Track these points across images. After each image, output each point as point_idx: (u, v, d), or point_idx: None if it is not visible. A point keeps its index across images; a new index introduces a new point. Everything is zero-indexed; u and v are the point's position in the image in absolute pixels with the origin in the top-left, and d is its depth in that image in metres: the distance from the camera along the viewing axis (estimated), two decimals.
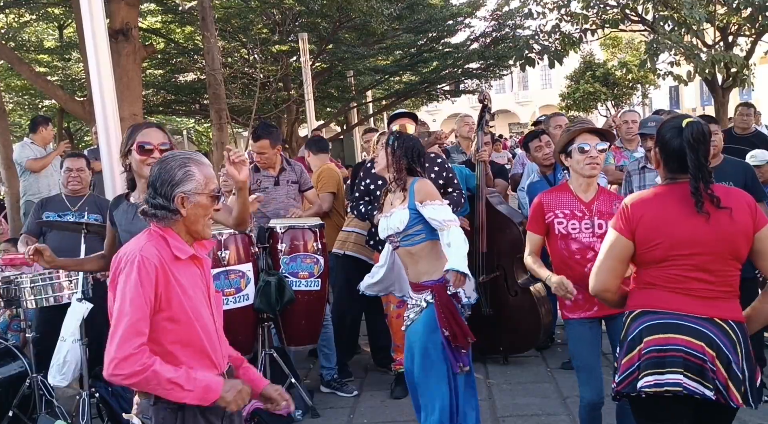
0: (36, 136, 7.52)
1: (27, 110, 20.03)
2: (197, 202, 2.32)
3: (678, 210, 2.47)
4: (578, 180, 3.41)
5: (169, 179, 2.30)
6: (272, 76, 14.52)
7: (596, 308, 3.25)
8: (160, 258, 2.24)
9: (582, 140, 3.34)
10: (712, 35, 12.63)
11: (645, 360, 2.43)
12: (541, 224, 3.41)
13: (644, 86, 28.18)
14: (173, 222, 2.32)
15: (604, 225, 3.26)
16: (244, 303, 4.42)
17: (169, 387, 2.17)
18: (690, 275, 2.45)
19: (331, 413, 4.65)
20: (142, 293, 2.18)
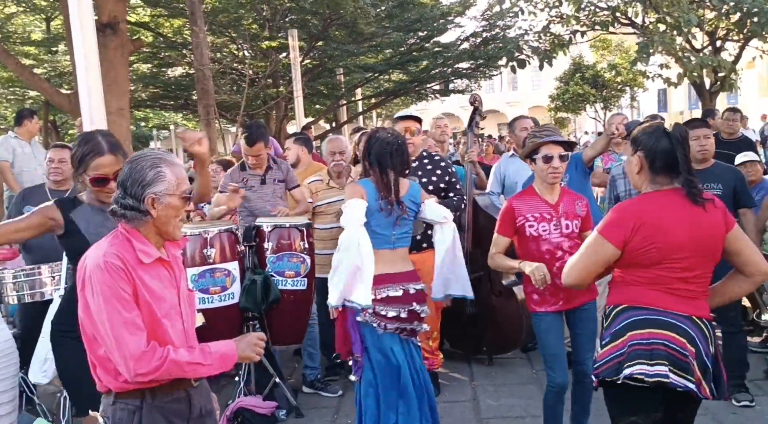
0: (21, 129, 7.43)
1: (12, 102, 19.85)
2: (168, 204, 2.27)
3: (672, 218, 2.56)
4: (543, 184, 3.63)
5: (140, 180, 2.24)
6: (261, 72, 14.48)
7: (561, 302, 3.57)
8: (124, 261, 2.19)
9: (546, 150, 3.54)
10: (701, 39, 12.71)
11: (631, 352, 2.53)
12: (511, 227, 3.61)
13: (633, 89, 28.34)
14: (142, 223, 2.27)
15: (570, 225, 3.58)
16: (230, 302, 4.38)
17: (190, 369, 2.22)
18: (677, 276, 2.57)
19: (315, 412, 4.63)
20: (121, 291, 2.15)
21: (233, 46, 16.41)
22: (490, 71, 18.75)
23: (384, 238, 3.60)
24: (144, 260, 2.23)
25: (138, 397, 2.25)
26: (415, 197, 3.69)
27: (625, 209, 2.66)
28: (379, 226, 3.58)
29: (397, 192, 3.59)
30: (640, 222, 2.56)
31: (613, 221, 2.63)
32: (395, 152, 3.62)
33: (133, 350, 2.11)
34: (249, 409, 4.35)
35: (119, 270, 2.16)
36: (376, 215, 3.57)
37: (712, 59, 10.53)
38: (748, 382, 4.48)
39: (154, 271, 2.28)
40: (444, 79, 18.79)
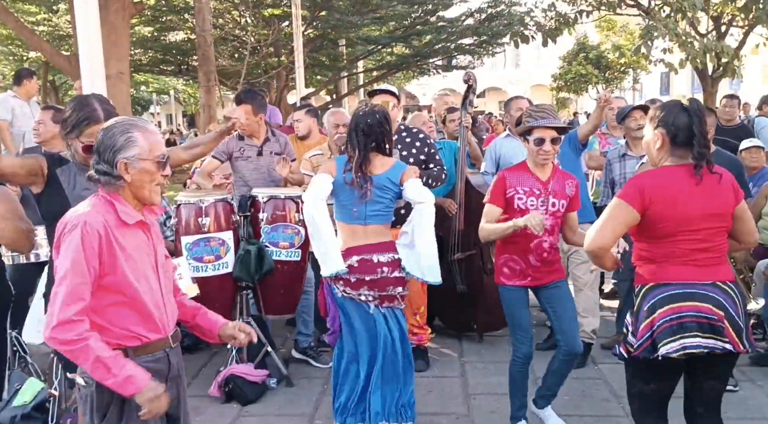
0: (20, 89, 7.40)
1: (12, 61, 19.70)
2: (141, 168, 2.32)
3: (687, 190, 2.73)
4: (534, 162, 3.70)
5: (111, 145, 2.30)
6: (263, 40, 14.36)
7: (529, 278, 3.70)
8: (104, 224, 2.25)
9: (539, 133, 3.59)
10: (706, 24, 12.64)
11: (664, 329, 2.70)
12: (503, 198, 3.65)
13: (636, 71, 28.21)
14: (119, 188, 2.33)
15: (557, 203, 3.67)
16: (223, 271, 4.42)
17: (95, 365, 2.19)
18: (696, 247, 2.74)
19: (305, 382, 4.68)
20: (83, 258, 2.20)
21: (235, 12, 16.25)
22: (493, 48, 18.62)
23: (352, 213, 3.62)
24: (127, 221, 2.31)
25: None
26: (394, 177, 3.61)
27: (644, 179, 2.82)
28: (347, 200, 3.62)
29: (363, 168, 3.56)
30: (657, 193, 2.72)
31: (633, 187, 2.80)
32: (365, 129, 3.59)
33: (61, 314, 2.16)
34: (240, 376, 4.40)
35: (95, 236, 2.22)
36: (344, 189, 3.61)
37: (715, 45, 10.47)
38: (735, 367, 4.54)
39: (134, 234, 2.35)
40: (447, 55, 18.65)
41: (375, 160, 3.61)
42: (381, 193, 3.59)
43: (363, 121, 3.62)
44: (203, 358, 5.18)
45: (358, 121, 3.64)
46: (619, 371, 4.74)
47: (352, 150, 3.61)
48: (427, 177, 4.59)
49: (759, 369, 4.77)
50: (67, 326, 2.16)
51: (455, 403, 4.35)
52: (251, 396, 4.37)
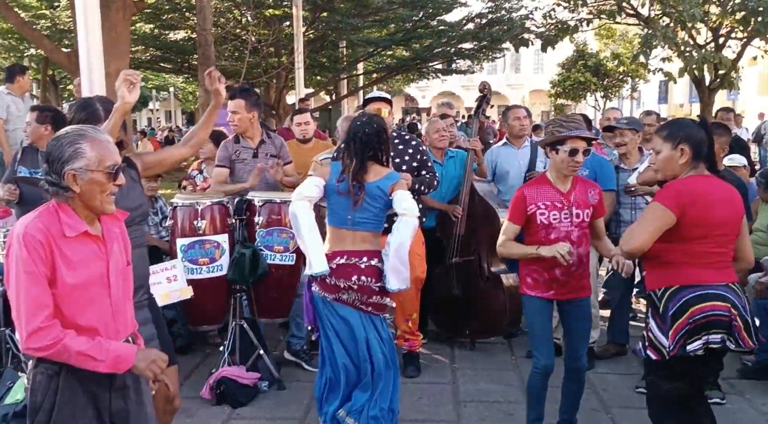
0: (13, 86, 7.38)
1: (12, 55, 19.68)
2: (90, 179, 2.29)
3: (713, 197, 3.00)
4: (557, 174, 3.61)
5: (59, 156, 2.28)
6: (264, 40, 14.38)
7: (553, 291, 3.61)
8: (46, 234, 2.24)
9: (573, 144, 3.52)
10: (704, 35, 12.70)
11: (694, 327, 2.94)
12: (522, 215, 3.60)
13: (634, 80, 28.28)
14: (69, 198, 2.31)
15: (581, 214, 3.59)
16: (218, 273, 4.43)
17: (81, 359, 2.24)
18: (716, 250, 3.01)
19: (297, 386, 4.70)
20: (34, 265, 2.20)
21: (237, 11, 16.27)
22: (493, 53, 18.67)
23: (341, 218, 3.64)
24: (68, 233, 2.28)
25: (57, 363, 2.29)
26: (385, 186, 3.60)
27: (679, 186, 3.03)
28: (338, 206, 3.65)
29: (357, 176, 3.59)
30: (693, 198, 2.96)
31: (670, 192, 3.02)
32: (363, 138, 3.62)
33: (28, 326, 2.18)
34: (232, 379, 4.42)
35: (38, 245, 2.21)
36: (334, 194, 3.65)
37: (713, 56, 10.53)
38: (722, 380, 4.58)
39: (80, 244, 2.31)
40: (446, 59, 18.71)
41: (371, 168, 3.63)
42: (371, 200, 3.60)
43: (361, 131, 3.64)
44: (195, 359, 5.20)
45: (356, 130, 3.66)
46: (608, 381, 4.81)
47: (349, 159, 3.64)
48: (419, 184, 4.62)
49: (747, 382, 4.80)
50: (39, 335, 2.18)
51: (445, 410, 4.37)
52: (243, 399, 4.38)
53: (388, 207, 3.66)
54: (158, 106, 42.48)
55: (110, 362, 2.26)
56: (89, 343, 2.25)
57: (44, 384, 2.30)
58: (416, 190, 4.63)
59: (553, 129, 3.61)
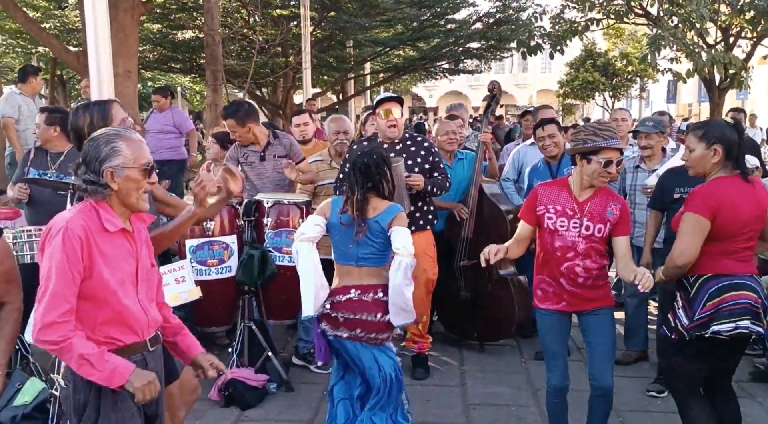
0: (25, 86, 7.40)
1: (20, 54, 19.73)
2: (127, 176, 2.40)
3: (740, 197, 3.18)
4: (581, 182, 3.42)
5: (96, 155, 2.39)
6: (271, 40, 14.37)
7: (564, 303, 3.46)
8: (85, 229, 2.33)
9: (608, 154, 3.31)
10: (714, 35, 12.62)
11: (723, 312, 3.13)
12: (532, 214, 3.49)
13: (643, 79, 28.16)
14: (107, 196, 2.41)
15: (591, 227, 3.38)
16: (226, 275, 4.43)
17: (80, 362, 2.28)
18: (744, 245, 3.23)
19: (305, 388, 4.69)
20: (67, 261, 2.28)
21: (244, 11, 16.26)
22: (500, 53, 18.61)
23: (345, 254, 3.52)
24: (109, 228, 2.38)
25: None
26: (384, 221, 3.44)
27: (706, 191, 3.20)
28: (341, 241, 3.52)
29: (359, 210, 3.44)
30: (720, 202, 3.14)
31: (700, 200, 3.18)
32: (362, 168, 3.49)
33: (45, 317, 2.25)
34: (240, 381, 4.41)
35: (76, 241, 2.30)
36: (339, 230, 3.51)
37: (723, 56, 10.45)
38: (733, 383, 4.53)
39: (116, 240, 2.42)
40: (454, 58, 18.65)
41: (371, 202, 3.48)
42: (372, 236, 3.45)
43: (360, 162, 3.50)
44: None
45: (355, 161, 3.53)
46: (619, 385, 4.75)
47: (350, 191, 3.50)
48: (431, 186, 4.59)
49: (758, 385, 4.77)
50: (52, 328, 2.25)
51: (454, 413, 4.35)
52: (251, 401, 4.38)
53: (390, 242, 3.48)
54: None
55: (106, 374, 2.30)
56: (93, 350, 2.30)
57: (83, 386, 2.37)
58: (428, 192, 4.60)
59: (586, 137, 3.36)
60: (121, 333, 2.43)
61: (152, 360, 2.55)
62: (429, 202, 4.76)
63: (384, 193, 3.52)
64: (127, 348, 2.44)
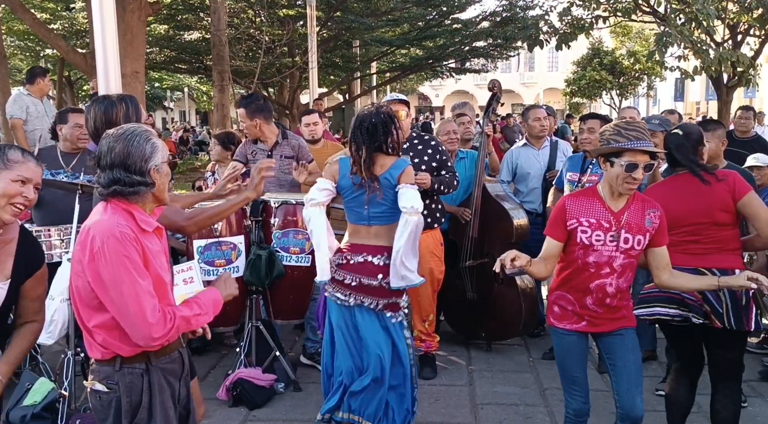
0: (33, 87, 7.43)
1: (28, 55, 19.83)
2: (165, 172, 2.42)
3: (677, 192, 3.40)
4: (610, 189, 3.12)
5: (142, 155, 2.32)
6: (277, 40, 14.40)
7: (584, 323, 3.17)
8: (132, 230, 2.29)
9: (631, 157, 2.99)
10: (722, 33, 12.56)
11: (642, 297, 3.40)
12: (562, 229, 3.11)
13: (650, 77, 28.07)
14: (143, 195, 2.36)
15: (630, 239, 3.08)
16: (234, 275, 4.36)
17: (195, 320, 2.39)
18: (687, 238, 3.36)
19: (313, 387, 4.69)
20: (136, 261, 2.24)
21: (251, 12, 16.29)
22: (507, 52, 18.58)
23: (358, 214, 3.63)
24: (146, 229, 2.35)
25: (143, 360, 2.37)
26: (392, 177, 3.52)
27: (647, 194, 3.41)
28: (353, 202, 3.63)
29: (369, 169, 3.52)
30: (658, 199, 3.27)
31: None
32: (369, 127, 3.54)
33: (151, 317, 2.21)
34: (248, 380, 4.42)
35: (132, 239, 2.25)
36: (350, 191, 3.61)
37: (731, 54, 10.41)
38: (742, 383, 4.51)
39: (154, 239, 2.41)
40: (460, 57, 18.64)
41: (377, 160, 3.55)
42: (385, 192, 3.54)
43: (368, 121, 3.56)
44: (211, 361, 5.20)
45: (363, 120, 3.59)
46: None
47: (357, 150, 3.56)
48: (438, 184, 4.58)
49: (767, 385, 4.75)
50: (161, 323, 2.24)
51: (462, 412, 4.34)
52: (259, 400, 4.39)
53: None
54: (172, 106, 42.70)
55: (212, 309, 2.46)
56: (191, 305, 2.40)
57: (137, 383, 2.36)
58: (436, 190, 4.60)
59: (610, 137, 3.05)
60: None
61: (186, 356, 2.58)
62: (436, 200, 4.75)
63: (390, 150, 3.57)
64: (168, 346, 2.43)
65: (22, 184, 2.43)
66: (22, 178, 2.44)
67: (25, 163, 2.46)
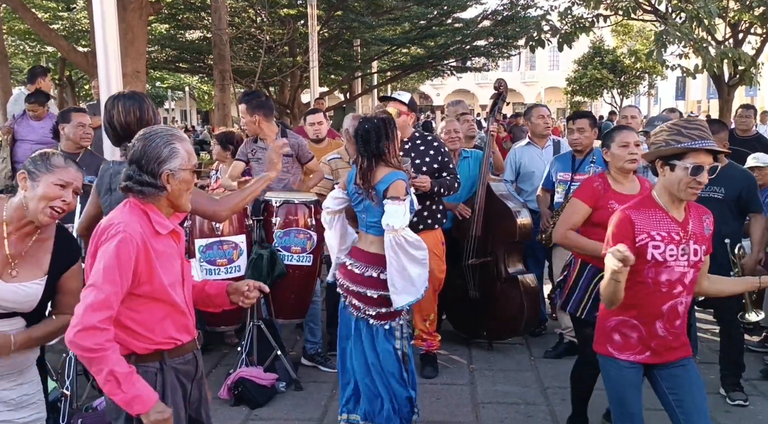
0: (34, 87, 7.42)
1: (29, 55, 19.81)
2: (182, 178, 2.38)
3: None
4: (670, 196, 2.80)
5: (156, 157, 2.33)
6: (278, 39, 14.39)
7: (648, 352, 2.85)
8: (142, 235, 2.29)
9: (696, 158, 2.69)
10: (723, 31, 12.54)
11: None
12: (630, 246, 2.66)
13: (651, 76, 28.06)
14: (157, 197, 2.37)
15: (698, 251, 2.80)
16: (236, 274, 4.44)
17: (108, 378, 2.20)
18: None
19: (314, 386, 4.70)
20: (119, 268, 2.22)
21: (252, 11, 16.27)
22: (508, 50, 18.55)
23: (360, 220, 3.73)
24: (161, 231, 2.36)
25: (157, 359, 2.39)
26: (380, 190, 3.51)
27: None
28: (356, 207, 3.73)
29: (364, 177, 3.56)
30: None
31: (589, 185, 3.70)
32: (363, 135, 3.59)
33: (85, 320, 2.18)
34: (249, 379, 4.42)
35: (133, 248, 2.25)
36: (353, 197, 3.71)
37: (732, 52, 10.39)
38: (744, 381, 4.52)
39: (166, 242, 2.40)
40: (461, 56, 18.61)
41: (377, 168, 3.56)
42: (372, 202, 3.55)
43: (362, 128, 3.61)
44: (213, 360, 5.21)
45: (358, 128, 3.64)
46: None
47: (359, 158, 3.64)
48: (438, 186, 4.57)
49: None
50: (90, 333, 2.17)
51: (463, 411, 4.35)
52: (260, 399, 4.39)
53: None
54: (173, 105, 42.70)
55: (129, 397, 2.22)
56: (125, 368, 2.23)
57: (151, 382, 2.35)
58: (435, 193, 4.59)
59: (669, 138, 2.75)
60: (179, 332, 2.44)
61: (200, 358, 2.58)
62: (438, 200, 4.75)
63: (386, 158, 3.55)
64: (182, 347, 2.45)
65: (62, 188, 2.53)
66: (62, 182, 2.54)
67: (66, 168, 2.57)
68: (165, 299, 2.36)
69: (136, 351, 2.36)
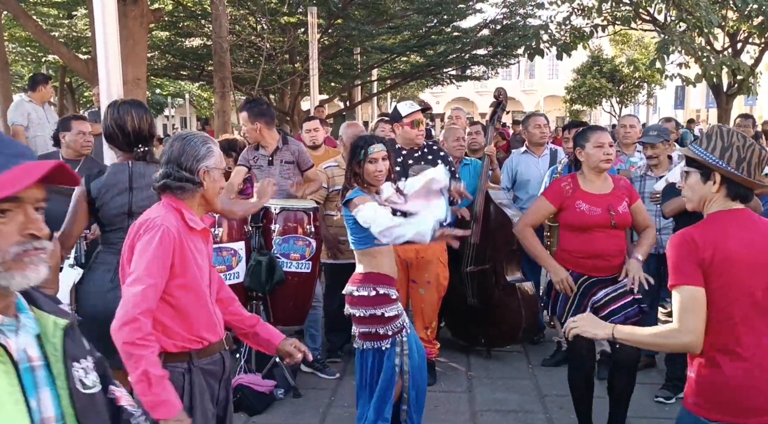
0: (34, 94, 7.45)
1: (30, 61, 19.86)
2: (215, 178, 2.52)
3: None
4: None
5: (195, 154, 2.47)
6: (278, 47, 14.44)
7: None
8: (178, 230, 2.39)
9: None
10: (722, 41, 12.61)
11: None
12: (699, 272, 2.23)
13: (650, 85, 28.15)
14: (190, 195, 2.48)
15: None
16: (235, 281, 4.44)
17: (141, 377, 2.22)
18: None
19: (312, 393, 4.70)
20: (160, 261, 2.33)
21: (252, 19, 16.32)
22: (507, 59, 18.61)
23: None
24: (195, 227, 2.46)
25: (185, 359, 2.44)
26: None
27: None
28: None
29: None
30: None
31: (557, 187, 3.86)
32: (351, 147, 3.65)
33: (131, 312, 2.26)
34: (248, 386, 4.43)
35: (173, 240, 2.36)
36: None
37: (731, 61, 10.45)
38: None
39: (199, 239, 2.50)
40: (461, 65, 18.67)
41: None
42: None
43: (352, 147, 3.65)
44: None
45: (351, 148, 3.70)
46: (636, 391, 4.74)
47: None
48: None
49: None
50: (135, 326, 2.24)
51: (462, 419, 4.35)
52: (258, 406, 4.40)
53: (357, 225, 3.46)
54: (173, 112, 42.70)
55: (156, 401, 2.22)
56: (159, 371, 2.26)
57: (177, 383, 2.39)
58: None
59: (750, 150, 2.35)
60: (208, 332, 2.49)
61: (227, 359, 2.61)
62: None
63: (359, 180, 3.51)
64: (210, 347, 2.50)
65: None
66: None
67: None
68: (196, 295, 2.43)
69: (167, 349, 2.40)
